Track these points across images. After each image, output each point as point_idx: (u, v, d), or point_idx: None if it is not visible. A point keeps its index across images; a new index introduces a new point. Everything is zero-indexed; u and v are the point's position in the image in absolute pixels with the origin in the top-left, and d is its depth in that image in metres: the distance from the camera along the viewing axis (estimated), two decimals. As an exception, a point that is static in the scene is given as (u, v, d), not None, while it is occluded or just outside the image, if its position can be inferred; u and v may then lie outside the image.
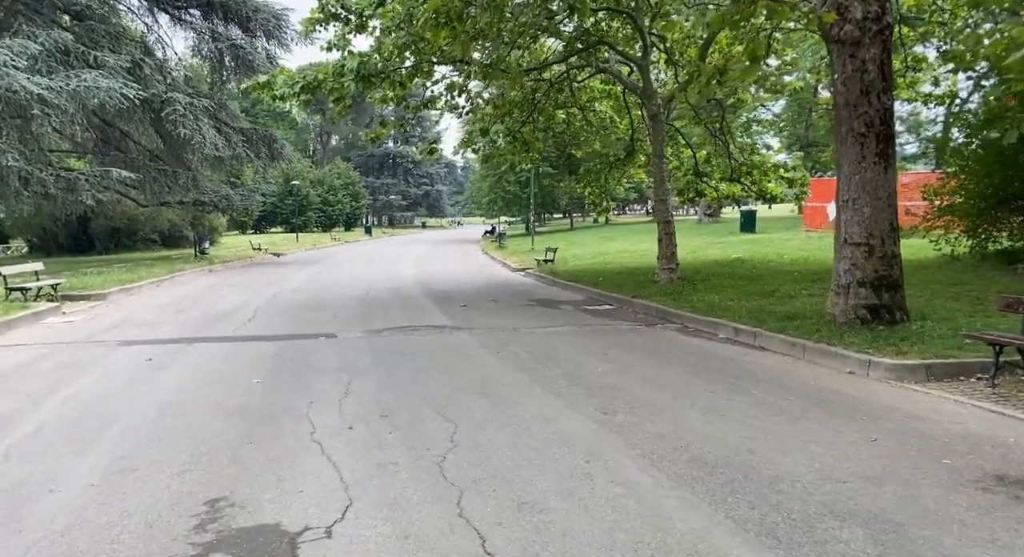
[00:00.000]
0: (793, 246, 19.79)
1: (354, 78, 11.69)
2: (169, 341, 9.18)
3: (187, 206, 24.79)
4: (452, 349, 8.32)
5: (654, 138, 13.67)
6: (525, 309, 12.20)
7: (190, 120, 20.05)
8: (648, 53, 13.65)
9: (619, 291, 13.11)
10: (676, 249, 13.64)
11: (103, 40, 19.66)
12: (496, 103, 14.93)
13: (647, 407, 5.51)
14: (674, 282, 13.24)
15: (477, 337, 9.13)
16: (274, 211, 60.91)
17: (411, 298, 14.23)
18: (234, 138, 22.86)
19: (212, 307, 12.92)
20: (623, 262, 19.79)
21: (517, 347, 8.34)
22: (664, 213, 13.63)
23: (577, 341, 8.72)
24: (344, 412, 5.61)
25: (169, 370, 7.36)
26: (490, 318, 11.00)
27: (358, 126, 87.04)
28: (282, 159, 25.90)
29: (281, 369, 7.31)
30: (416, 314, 11.67)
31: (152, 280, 17.22)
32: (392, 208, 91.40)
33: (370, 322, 10.78)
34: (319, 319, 11.22)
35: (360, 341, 9.01)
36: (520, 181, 47.21)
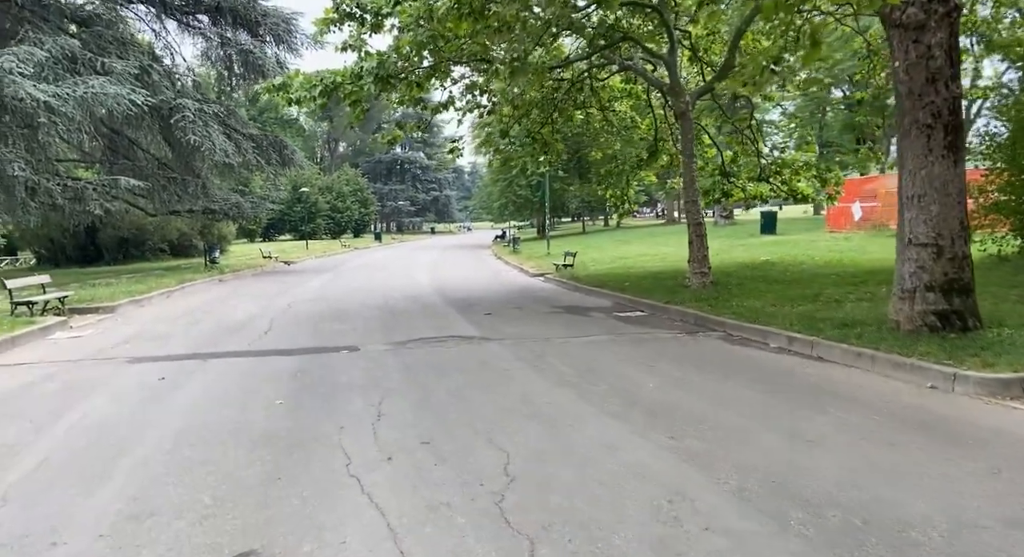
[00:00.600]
0: (821, 247, 19.15)
1: (373, 80, 11.18)
2: (182, 357, 8.66)
3: (196, 215, 24.37)
4: (485, 363, 7.76)
5: (682, 137, 13.11)
6: (552, 317, 11.63)
7: (200, 126, 19.63)
8: (675, 49, 13.09)
9: (649, 296, 12.52)
10: (708, 252, 13.04)
11: (110, 46, 19.27)
12: (516, 103, 14.40)
13: (718, 430, 4.93)
14: (707, 286, 12.65)
15: (509, 348, 8.57)
16: (283, 218, 60.58)
17: (432, 306, 13.69)
18: (244, 144, 22.43)
19: (226, 319, 12.41)
20: (646, 266, 19.20)
21: (554, 359, 7.77)
22: (695, 215, 13.05)
23: (617, 352, 8.15)
24: (380, 438, 5.05)
25: (184, 390, 6.82)
26: (518, 327, 10.45)
27: (366, 132, 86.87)
28: (293, 165, 25.47)
29: (305, 387, 6.77)
30: (440, 324, 11.12)
31: (162, 291, 16.75)
32: (401, 214, 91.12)
33: (393, 333, 10.24)
34: (339, 330, 10.69)
35: (386, 355, 8.47)
36: (531, 185, 46.74)
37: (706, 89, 13.46)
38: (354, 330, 10.70)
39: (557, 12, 10.20)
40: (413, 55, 11.43)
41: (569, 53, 14.55)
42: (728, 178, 15.76)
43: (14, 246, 39.97)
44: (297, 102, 11.47)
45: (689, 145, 12.99)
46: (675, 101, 13.07)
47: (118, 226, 28.59)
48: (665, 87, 13.49)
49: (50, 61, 16.05)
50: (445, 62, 12.35)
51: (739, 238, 26.96)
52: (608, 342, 8.89)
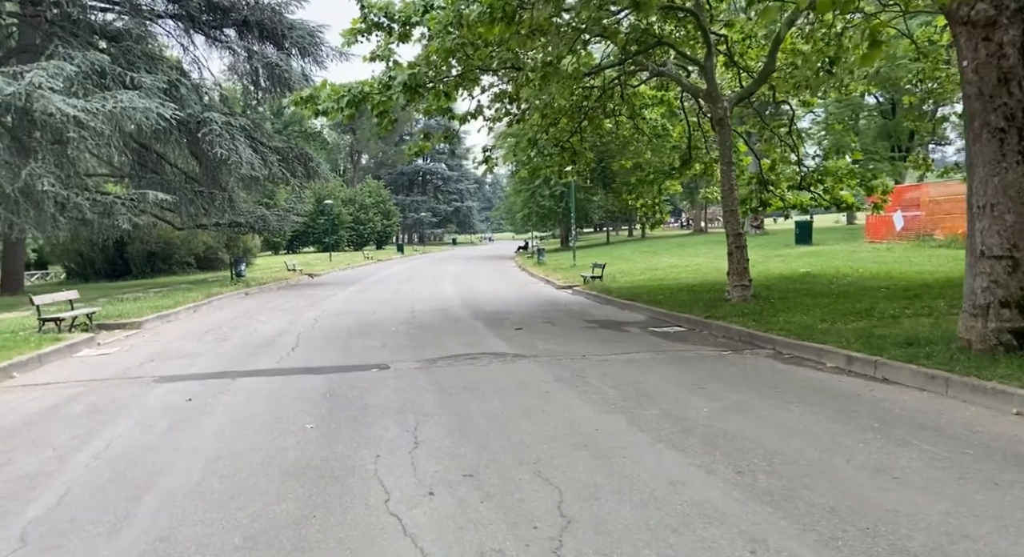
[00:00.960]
0: (863, 259, 18.52)
1: (402, 90, 10.93)
2: (210, 376, 8.39)
3: (223, 228, 24.38)
4: (523, 383, 7.37)
5: (720, 145, 12.67)
6: (587, 332, 11.22)
7: (226, 139, 19.60)
8: (712, 54, 12.69)
9: (688, 311, 12.06)
10: (748, 264, 12.56)
11: (139, 61, 19.35)
12: (546, 112, 14.08)
13: (791, 465, 4.49)
14: (748, 300, 12.16)
15: (546, 367, 8.18)
16: (306, 231, 60.89)
17: (460, 320, 13.35)
18: (270, 157, 22.42)
19: (252, 334, 12.18)
20: (678, 278, 18.71)
21: (596, 379, 7.36)
22: (734, 225, 12.58)
23: (662, 371, 7.71)
24: (419, 469, 4.69)
25: (212, 413, 6.52)
26: (551, 343, 10.06)
27: (389, 144, 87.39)
28: (318, 178, 25.42)
29: (336, 410, 6.43)
30: (470, 339, 10.77)
31: (188, 305, 16.63)
32: (422, 225, 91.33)
33: (423, 350, 9.91)
34: (367, 347, 10.39)
35: (417, 373, 8.12)
36: (555, 195, 46.42)
37: (745, 94, 13.02)
38: (383, 346, 10.39)
39: (591, 15, 9.86)
40: (441, 63, 11.17)
41: (601, 60, 14.19)
42: (766, 187, 15.26)
43: (45, 260, 40.54)
44: (324, 113, 11.25)
45: (728, 152, 12.54)
46: (712, 107, 12.65)
47: (146, 240, 28.79)
48: (701, 93, 13.08)
49: (79, 76, 16.09)
50: (473, 70, 12.09)
51: (773, 249, 26.32)
52: (650, 360, 8.46)
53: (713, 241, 36.06)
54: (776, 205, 15.57)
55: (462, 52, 11.31)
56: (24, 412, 6.83)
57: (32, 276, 37.50)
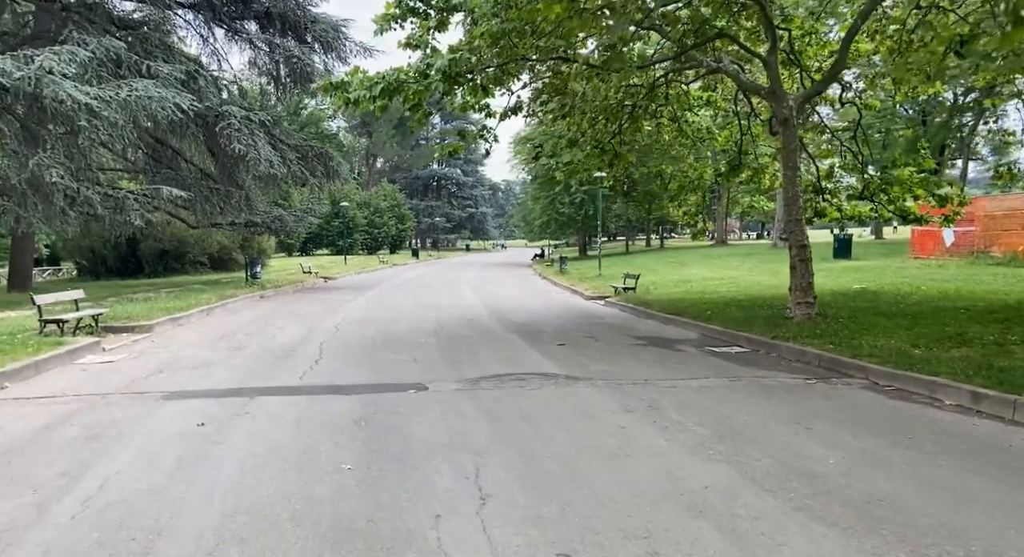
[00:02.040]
0: (917, 275, 17.33)
1: (441, 78, 9.94)
2: (225, 393, 7.38)
3: (238, 227, 23.47)
4: (588, 414, 6.31)
5: (783, 147, 11.59)
6: (637, 350, 10.16)
7: (245, 135, 18.70)
8: (776, 48, 11.64)
9: (747, 329, 10.96)
10: (813, 279, 11.45)
11: (156, 51, 18.51)
12: (587, 109, 13.04)
13: (994, 555, 3.40)
14: (813, 319, 11.05)
15: (608, 394, 7.12)
16: (320, 233, 60.10)
17: (492, 332, 12.32)
18: (289, 155, 21.50)
19: (271, 342, 11.18)
20: (718, 291, 17.59)
21: (673, 412, 6.29)
22: (799, 236, 11.47)
23: (748, 404, 6.63)
24: (495, 542, 3.64)
25: (228, 443, 5.50)
26: (603, 363, 8.99)
27: (404, 148, 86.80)
28: (338, 178, 24.47)
29: (374, 443, 5.40)
30: (509, 355, 9.73)
31: (202, 308, 15.68)
32: (436, 230, 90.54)
33: (460, 366, 8.87)
34: (397, 360, 9.36)
35: (461, 397, 7.08)
36: (575, 202, 45.40)
37: (813, 93, 11.96)
38: (414, 361, 9.36)
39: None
40: (485, 49, 10.17)
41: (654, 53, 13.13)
42: (822, 195, 14.16)
43: (57, 257, 39.88)
44: (355, 103, 10.26)
45: (792, 157, 11.46)
46: (776, 107, 11.58)
47: (159, 238, 27.96)
48: (763, 91, 12.02)
49: (94, 62, 15.23)
50: (517, 61, 11.09)
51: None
52: (726, 389, 7.38)
53: (739, 253, 34.91)
54: (832, 215, 14.46)
55: (507, 39, 10.32)
56: (9, 435, 5.84)
57: (44, 272, 36.78)
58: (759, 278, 21.11)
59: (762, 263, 26.93)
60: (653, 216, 58.22)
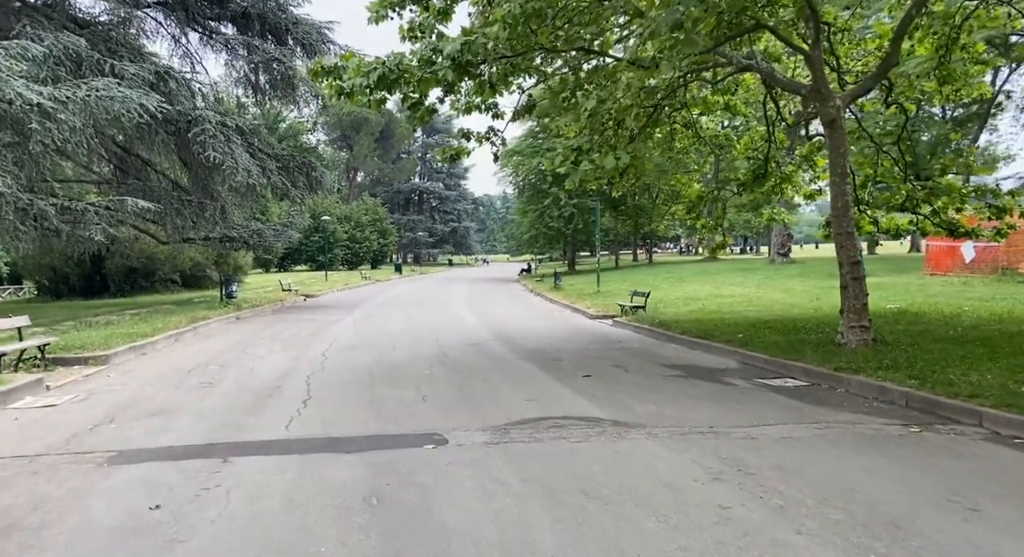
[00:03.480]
0: (948, 293, 16.20)
1: (451, 65, 8.53)
2: (190, 453, 5.81)
3: (213, 243, 21.75)
4: (669, 486, 4.85)
5: (832, 151, 10.32)
6: (678, 384, 8.74)
7: (221, 142, 17.12)
8: (820, 42, 10.41)
9: (796, 358, 9.61)
10: (867, 300, 10.14)
11: (123, 51, 16.91)
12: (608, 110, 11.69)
13: None
14: (869, 345, 9.73)
15: (676, 449, 5.68)
16: (299, 248, 58.20)
17: (503, 360, 10.84)
18: (269, 165, 19.94)
19: (249, 377, 9.59)
20: (735, 310, 16.28)
21: (777, 480, 4.87)
22: (850, 251, 10.16)
23: (866, 468, 5.22)
24: None
25: (193, 541, 3.96)
26: (648, 402, 7.56)
27: (385, 162, 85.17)
28: (321, 189, 22.93)
29: (397, 541, 3.89)
30: (533, 390, 8.27)
31: (169, 333, 13.99)
32: (419, 245, 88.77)
33: (479, 407, 7.39)
34: (402, 400, 7.85)
35: (493, 455, 5.59)
36: (564, 216, 44.16)
37: (863, 90, 10.75)
38: (422, 399, 7.86)
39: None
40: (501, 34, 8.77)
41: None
42: (857, 206, 12.92)
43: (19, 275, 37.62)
44: (349, 94, 8.79)
45: (841, 161, 10.20)
46: (821, 107, 10.31)
47: (127, 255, 26.06)
48: (804, 90, 10.76)
49: (50, 60, 13.60)
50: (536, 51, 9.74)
51: (819, 279, 23.99)
52: (819, 441, 5.96)
53: (736, 269, 33.80)
54: (867, 228, 13.24)
55: (525, 26, 8.95)
56: None
57: (4, 291, 34.63)
58: (772, 295, 19.89)
59: (767, 279, 25.77)
60: (642, 230, 57.33)
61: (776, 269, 30.62)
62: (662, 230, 67.79)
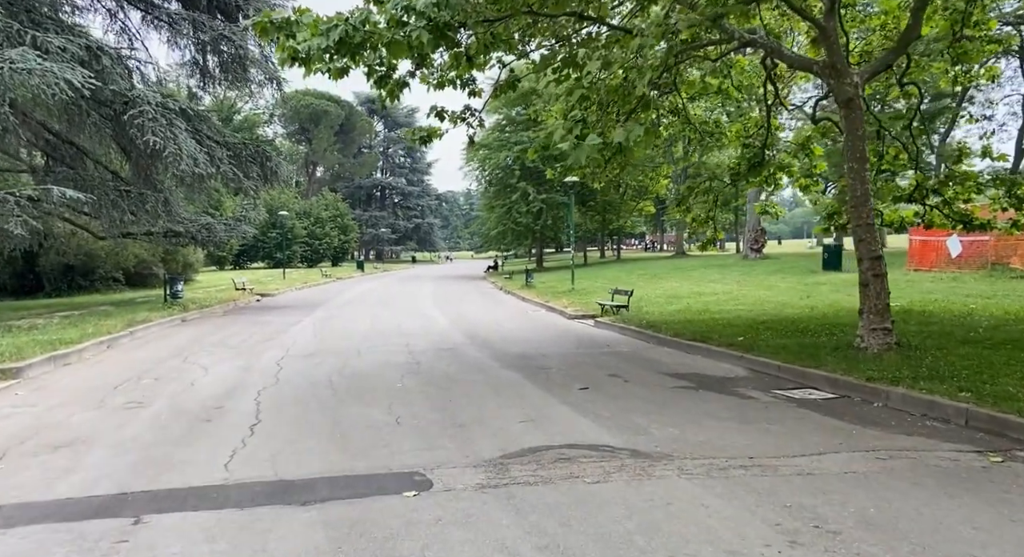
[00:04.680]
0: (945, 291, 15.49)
1: (426, 26, 7.21)
2: (92, 511, 4.40)
3: (156, 238, 19.94)
4: (730, 552, 3.66)
5: (848, 134, 9.30)
6: (690, 397, 7.61)
7: (162, 126, 15.40)
8: (835, 12, 9.39)
9: (812, 364, 8.57)
10: (889, 299, 9.14)
11: (48, 23, 15.06)
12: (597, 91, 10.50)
13: None
14: (895, 350, 8.75)
15: (722, 493, 4.51)
16: (256, 245, 55.83)
17: (484, 368, 9.59)
18: (218, 153, 18.21)
19: (186, 394, 8.13)
20: (727, 309, 15.30)
21: (868, 541, 3.73)
22: (870, 244, 9.15)
23: (963, 517, 4.12)
24: None
25: None
26: (665, 424, 6.40)
27: (346, 156, 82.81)
28: (277, 181, 21.21)
29: None
30: (526, 407, 7.04)
31: (101, 339, 12.35)
32: (381, 241, 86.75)
33: (466, 431, 6.13)
34: (372, 423, 6.54)
35: (494, 508, 4.33)
36: (533, 211, 42.98)
37: (882, 66, 9.78)
38: (397, 423, 6.56)
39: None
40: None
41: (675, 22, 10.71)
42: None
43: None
44: (304, 60, 7.38)
45: (859, 145, 9.19)
46: (837, 84, 9.29)
47: (63, 251, 23.94)
48: (817, 66, 9.72)
49: (-45, 27, 11.80)
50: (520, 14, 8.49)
51: (799, 275, 23.31)
52: (891, 476, 4.86)
53: (711, 265, 33.08)
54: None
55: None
56: None
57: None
58: (756, 293, 19.03)
59: (745, 276, 25.00)
60: (610, 226, 56.60)
61: (751, 265, 29.96)
62: (629, 226, 67.40)
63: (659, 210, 70.63)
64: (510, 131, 44.77)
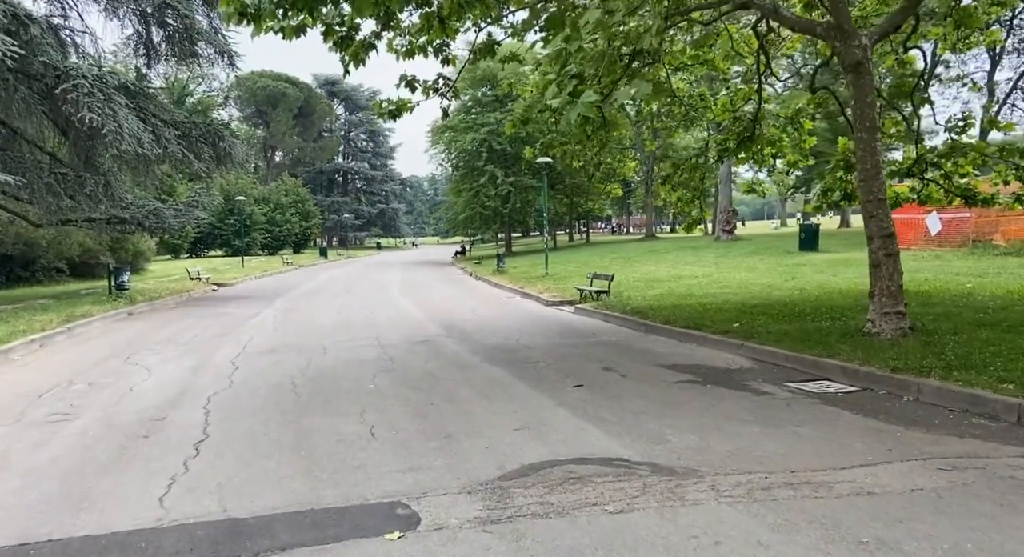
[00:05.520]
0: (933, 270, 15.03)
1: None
2: (-22, 574, 3.41)
3: (100, 225, 18.44)
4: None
5: (857, 100, 8.56)
6: (698, 394, 6.82)
7: (99, 101, 14.03)
8: (843, -32, 8.61)
9: (823, 352, 7.87)
10: (902, 281, 8.48)
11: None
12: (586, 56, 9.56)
13: None
14: (907, 335, 8.10)
15: (777, 526, 3.70)
16: (213, 232, 53.74)
17: (465, 364, 8.69)
18: (165, 132, 16.82)
19: (123, 403, 7.05)
20: (712, 293, 14.61)
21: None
22: (882, 221, 8.45)
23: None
24: None
25: None
26: (682, 429, 5.59)
27: (306, 140, 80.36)
28: (231, 163, 19.82)
29: None
30: (521, 414, 6.15)
31: (33, 337, 11.09)
32: (344, 228, 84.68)
33: (455, 446, 5.21)
34: (343, 436, 5.58)
35: (499, 551, 3.44)
36: (501, 195, 41.95)
37: (891, 27, 9.03)
38: (371, 435, 5.63)
39: None
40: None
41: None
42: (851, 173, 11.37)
43: None
44: (254, 16, 6.32)
45: (869, 112, 8.46)
46: (843, 47, 8.52)
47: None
48: (820, 28, 8.93)
49: None
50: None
51: (777, 256, 22.84)
52: (966, 493, 4.11)
53: (683, 247, 32.58)
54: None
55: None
56: None
57: None
58: (737, 275, 18.44)
59: (722, 258, 24.46)
60: (578, 209, 55.93)
61: (725, 247, 29.51)
62: (597, 209, 66.78)
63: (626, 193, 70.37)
64: (477, 112, 43.55)
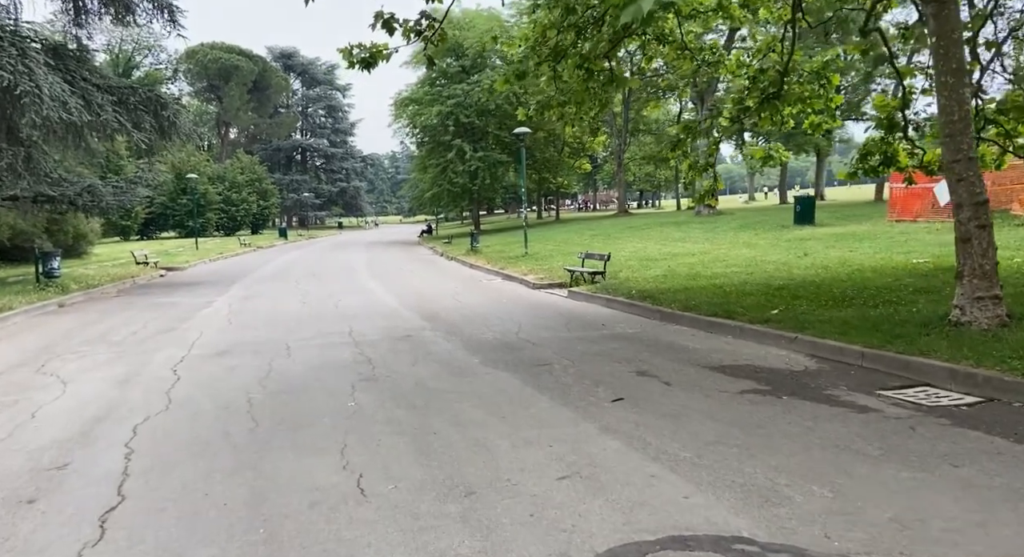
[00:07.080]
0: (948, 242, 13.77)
1: None
2: None
3: (24, 203, 16.15)
4: None
5: (938, 38, 7.06)
6: (776, 410, 5.31)
7: (11, 57, 11.86)
8: None
9: (908, 349, 6.42)
10: (996, 258, 7.07)
11: None
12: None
13: None
14: (1007, 325, 6.71)
15: None
16: (165, 212, 50.70)
17: (463, 367, 7.05)
18: (97, 98, 14.66)
19: (15, 438, 5.24)
20: (724, 273, 13.15)
21: None
22: (972, 186, 7.00)
23: None
24: None
25: None
26: (801, 478, 4.08)
27: (262, 116, 76.76)
28: (177, 134, 17.62)
29: None
30: (559, 448, 4.55)
31: (-73, 341, 9.07)
32: (304, 207, 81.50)
33: (486, 515, 3.57)
34: (319, 493, 3.89)
35: None
36: (469, 170, 40.00)
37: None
38: (360, 492, 4.00)
39: None
40: None
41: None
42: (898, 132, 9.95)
43: None
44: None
45: (957, 52, 6.99)
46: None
47: (-89, 223, 19.67)
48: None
49: None
50: None
51: (770, 230, 21.56)
52: None
53: (666, 223, 31.24)
54: (904, 161, 10.34)
55: None
56: None
57: None
58: (738, 252, 17.06)
59: (711, 233, 23.10)
60: (548, 185, 54.43)
61: (710, 222, 28.21)
62: (566, 186, 65.22)
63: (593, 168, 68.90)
64: (442, 84, 41.36)
